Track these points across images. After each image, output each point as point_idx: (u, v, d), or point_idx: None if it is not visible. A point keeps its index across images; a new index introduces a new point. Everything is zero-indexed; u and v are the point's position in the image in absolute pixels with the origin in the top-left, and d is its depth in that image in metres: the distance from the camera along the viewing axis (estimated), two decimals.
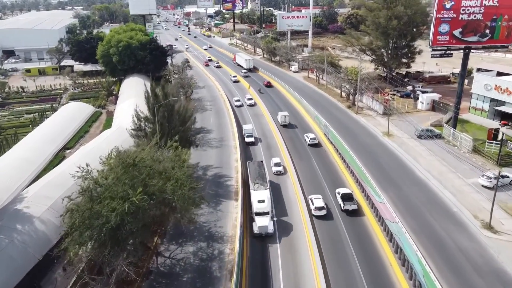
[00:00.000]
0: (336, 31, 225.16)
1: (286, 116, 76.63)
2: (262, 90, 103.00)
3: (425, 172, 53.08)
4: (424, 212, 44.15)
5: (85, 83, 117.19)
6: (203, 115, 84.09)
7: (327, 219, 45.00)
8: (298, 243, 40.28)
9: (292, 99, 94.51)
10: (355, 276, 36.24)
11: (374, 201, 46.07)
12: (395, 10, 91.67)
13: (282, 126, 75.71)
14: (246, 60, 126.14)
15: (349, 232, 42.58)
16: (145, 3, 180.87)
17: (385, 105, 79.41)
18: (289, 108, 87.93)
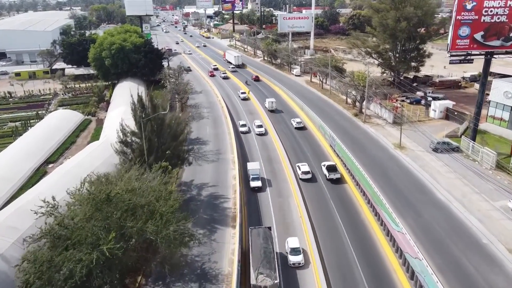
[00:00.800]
0: (338, 32, 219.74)
1: (273, 102, 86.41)
2: (249, 82, 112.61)
3: (446, 193, 47.35)
4: (449, 245, 38.43)
5: (77, 88, 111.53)
6: (199, 123, 78.38)
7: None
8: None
9: (294, 106, 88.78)
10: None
11: (391, 229, 40.41)
12: (404, 11, 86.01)
13: (269, 111, 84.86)
14: (235, 57, 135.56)
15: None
16: (141, 4, 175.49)
17: (395, 113, 73.73)
18: (292, 116, 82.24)
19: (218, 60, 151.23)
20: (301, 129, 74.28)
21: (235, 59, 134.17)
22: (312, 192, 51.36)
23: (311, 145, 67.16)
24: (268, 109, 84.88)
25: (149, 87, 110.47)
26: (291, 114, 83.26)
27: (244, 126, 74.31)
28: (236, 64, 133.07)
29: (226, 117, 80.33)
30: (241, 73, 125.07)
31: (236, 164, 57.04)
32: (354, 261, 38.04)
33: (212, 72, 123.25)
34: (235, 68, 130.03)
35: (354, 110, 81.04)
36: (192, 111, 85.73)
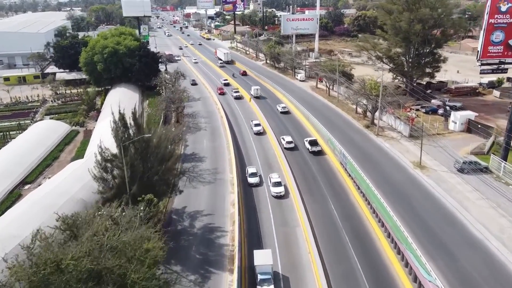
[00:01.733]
0: (342, 33, 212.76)
1: (258, 89, 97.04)
2: (236, 75, 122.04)
3: (480, 227, 40.44)
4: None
5: (67, 94, 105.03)
6: (196, 136, 71.66)
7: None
8: None
9: (299, 115, 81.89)
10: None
11: (420, 277, 33.57)
12: (419, 13, 79.10)
13: (254, 97, 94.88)
14: (224, 54, 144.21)
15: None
16: (139, 5, 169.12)
17: (411, 126, 66.86)
18: (297, 127, 75.47)
19: (242, 83, 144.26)
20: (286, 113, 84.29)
21: (224, 56, 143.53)
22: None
23: None
24: (254, 96, 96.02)
25: (144, 93, 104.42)
26: (295, 125, 76.44)
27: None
28: (225, 60, 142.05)
29: (225, 128, 73.57)
30: (229, 68, 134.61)
31: (235, 186, 50.29)
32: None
33: (221, 89, 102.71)
34: (223, 64, 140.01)
35: (365, 121, 74.15)
36: (188, 122, 79.03)
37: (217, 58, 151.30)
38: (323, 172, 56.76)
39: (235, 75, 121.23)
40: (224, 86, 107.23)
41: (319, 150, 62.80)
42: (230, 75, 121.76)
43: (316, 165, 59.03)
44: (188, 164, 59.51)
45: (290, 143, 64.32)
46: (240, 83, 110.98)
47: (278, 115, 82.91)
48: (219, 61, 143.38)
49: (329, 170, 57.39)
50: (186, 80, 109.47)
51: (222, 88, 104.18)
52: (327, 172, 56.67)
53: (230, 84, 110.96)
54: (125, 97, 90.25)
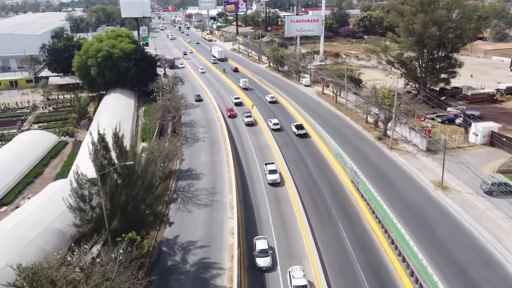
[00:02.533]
0: (348, 35, 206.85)
1: (246, 81, 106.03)
2: (226, 70, 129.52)
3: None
4: None
5: (60, 100, 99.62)
6: (194, 148, 66.06)
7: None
8: None
9: (304, 123, 76.07)
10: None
11: None
12: (435, 15, 73.23)
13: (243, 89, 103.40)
14: (218, 52, 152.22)
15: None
16: (138, 5, 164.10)
17: (428, 137, 61.07)
18: (304, 141, 69.78)
19: (232, 77, 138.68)
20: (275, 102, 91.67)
21: (218, 53, 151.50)
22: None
23: None
24: (242, 87, 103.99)
25: (140, 99, 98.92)
26: (302, 140, 70.77)
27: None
28: (219, 58, 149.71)
29: (225, 139, 67.94)
30: (222, 65, 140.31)
31: (235, 210, 44.64)
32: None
33: (231, 111, 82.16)
34: (216, 61, 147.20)
35: (377, 132, 68.33)
36: (186, 132, 73.45)
37: (211, 56, 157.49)
38: (334, 195, 51.02)
39: (225, 71, 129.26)
40: (236, 105, 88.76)
41: (304, 133, 70.36)
42: (221, 70, 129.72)
43: (326, 185, 53.38)
44: (183, 182, 53.96)
45: (277, 125, 73.27)
46: (230, 78, 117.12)
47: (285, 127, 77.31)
48: (212, 58, 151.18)
49: (338, 188, 51.69)
50: (186, 86, 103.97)
51: (232, 109, 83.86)
52: (337, 193, 50.96)
53: (243, 103, 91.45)
54: (120, 104, 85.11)
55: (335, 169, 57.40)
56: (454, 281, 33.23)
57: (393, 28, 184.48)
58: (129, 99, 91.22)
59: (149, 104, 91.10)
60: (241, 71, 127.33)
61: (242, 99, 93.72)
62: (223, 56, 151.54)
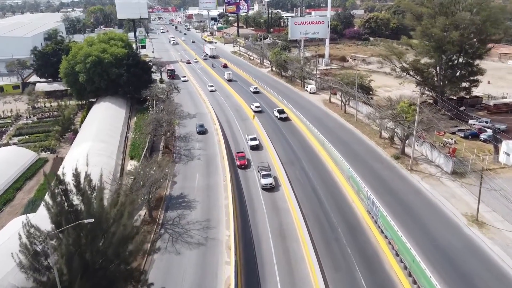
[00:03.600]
0: (353, 36, 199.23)
1: (230, 74, 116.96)
2: (214, 65, 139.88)
3: None
4: None
5: (47, 108, 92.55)
6: (187, 168, 58.75)
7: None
8: None
9: (310, 137, 68.71)
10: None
11: None
12: (457, 17, 65.90)
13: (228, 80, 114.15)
14: (210, 49, 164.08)
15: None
16: (134, 6, 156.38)
17: (452, 156, 53.69)
18: (312, 159, 62.43)
19: (220, 72, 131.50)
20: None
21: (210, 51, 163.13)
22: None
23: None
24: (227, 79, 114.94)
25: (133, 108, 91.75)
26: (308, 153, 63.35)
27: None
28: (210, 55, 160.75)
29: (223, 157, 60.60)
30: (212, 61, 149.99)
31: (232, 253, 37.32)
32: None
33: (243, 160, 58.59)
34: (207, 57, 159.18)
35: (393, 150, 60.92)
36: (180, 148, 66.19)
37: (204, 53, 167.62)
38: (348, 230, 43.63)
39: (214, 65, 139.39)
40: (252, 149, 64.84)
41: (285, 116, 79.27)
42: (210, 65, 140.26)
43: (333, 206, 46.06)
44: (173, 212, 46.68)
45: (258, 107, 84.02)
46: (218, 73, 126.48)
47: (287, 138, 69.95)
48: (203, 54, 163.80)
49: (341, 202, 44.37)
50: (182, 95, 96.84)
51: (243, 155, 59.80)
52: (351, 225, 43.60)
53: (261, 145, 66.54)
54: (109, 114, 77.95)
55: (348, 195, 50.03)
56: None
57: (400, 30, 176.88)
58: (120, 108, 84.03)
59: (141, 113, 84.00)
60: (244, 78, 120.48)
61: (260, 140, 68.10)
62: (214, 53, 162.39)
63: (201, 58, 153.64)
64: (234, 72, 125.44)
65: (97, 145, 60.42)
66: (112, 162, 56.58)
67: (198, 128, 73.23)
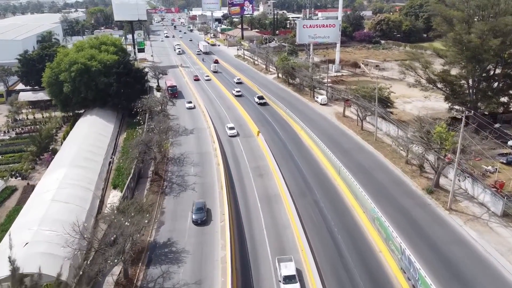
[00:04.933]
0: (363, 39, 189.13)
1: (216, 66, 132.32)
2: (205, 59, 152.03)
3: None
4: None
5: (29, 121, 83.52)
6: (179, 202, 49.32)
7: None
8: None
9: (322, 159, 59.01)
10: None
11: None
12: (498, 23, 56.01)
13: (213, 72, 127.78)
14: (204, 46, 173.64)
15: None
16: (132, 7, 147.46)
17: (499, 193, 43.92)
18: (323, 185, 52.77)
19: (208, 65, 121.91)
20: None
21: (203, 47, 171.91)
22: None
23: None
24: (212, 71, 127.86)
25: (125, 121, 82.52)
26: (321, 183, 53.70)
27: None
28: (204, 51, 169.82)
29: (222, 186, 51.17)
30: (204, 56, 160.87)
31: None
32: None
33: None
34: (200, 52, 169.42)
35: (424, 180, 51.16)
36: (172, 174, 56.77)
37: (198, 49, 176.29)
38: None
39: (204, 60, 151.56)
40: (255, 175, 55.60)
41: (264, 102, 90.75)
42: (201, 59, 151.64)
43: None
44: (156, 268, 37.21)
45: (239, 92, 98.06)
46: (207, 66, 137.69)
47: (297, 163, 60.39)
48: (197, 50, 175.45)
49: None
50: (178, 108, 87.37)
51: None
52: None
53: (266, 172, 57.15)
54: (94, 131, 68.69)
55: (374, 243, 40.36)
56: None
57: (413, 33, 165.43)
58: (108, 123, 74.78)
59: (132, 128, 74.81)
60: (247, 85, 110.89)
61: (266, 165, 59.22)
62: (207, 50, 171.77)
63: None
64: (234, 76, 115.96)
65: (73, 172, 51.20)
66: (88, 195, 47.27)
67: None
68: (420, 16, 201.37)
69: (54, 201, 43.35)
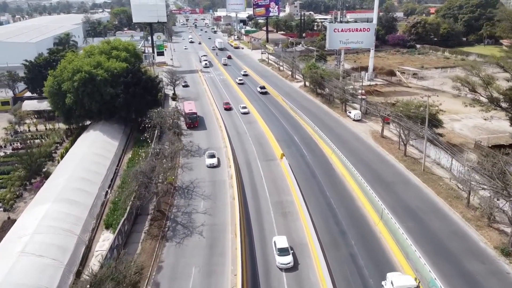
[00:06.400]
0: (396, 43, 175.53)
1: (221, 42, 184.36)
2: (218, 53, 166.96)
3: None
4: None
5: (31, 133, 76.11)
6: (181, 252, 39.73)
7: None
8: None
9: (358, 193, 48.33)
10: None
11: None
12: None
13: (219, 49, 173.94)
14: (219, 42, 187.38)
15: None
16: (151, 9, 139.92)
17: None
18: (362, 232, 42.15)
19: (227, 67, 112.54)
20: None
21: (218, 44, 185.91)
22: None
23: None
24: (218, 48, 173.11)
25: (132, 136, 74.00)
26: (357, 226, 43.13)
27: None
28: (218, 47, 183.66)
29: (236, 234, 41.31)
30: (218, 52, 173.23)
31: None
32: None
33: None
34: (215, 48, 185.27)
35: (496, 234, 39.78)
36: (178, 209, 47.33)
37: (214, 46, 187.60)
38: None
39: (217, 54, 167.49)
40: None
41: (265, 91, 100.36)
42: (215, 54, 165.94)
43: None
44: None
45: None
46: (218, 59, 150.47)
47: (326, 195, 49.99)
48: (212, 46, 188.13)
49: None
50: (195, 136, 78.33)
51: None
52: None
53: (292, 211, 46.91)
54: (94, 152, 60.22)
55: None
56: None
57: (452, 37, 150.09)
58: (112, 140, 66.24)
59: (139, 146, 66.11)
60: (270, 94, 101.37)
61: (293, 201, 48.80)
62: (222, 46, 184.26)
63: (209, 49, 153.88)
64: (257, 83, 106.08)
65: (58, 209, 42.52)
66: (71, 243, 38.29)
67: None
68: (460, 18, 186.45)
69: (24, 255, 34.52)
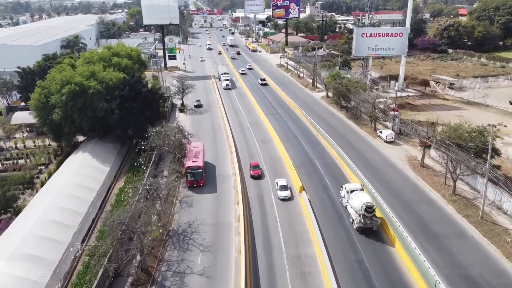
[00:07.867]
0: (426, 48, 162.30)
1: (233, 40, 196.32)
2: (228, 49, 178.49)
3: None
4: None
5: (17, 150, 67.60)
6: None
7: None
8: None
9: (398, 249, 37.42)
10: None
11: None
12: None
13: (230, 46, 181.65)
14: (230, 40, 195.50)
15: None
16: (163, 10, 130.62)
17: None
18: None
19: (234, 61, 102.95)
20: None
21: (230, 41, 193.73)
22: None
23: None
24: (229, 45, 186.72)
25: (129, 158, 64.55)
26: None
27: None
28: (230, 44, 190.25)
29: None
30: (228, 48, 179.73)
31: None
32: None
33: None
34: (226, 44, 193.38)
35: None
36: (170, 266, 37.33)
37: (226, 43, 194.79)
38: None
39: (228, 49, 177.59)
40: None
41: (265, 83, 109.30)
42: (225, 49, 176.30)
43: None
44: None
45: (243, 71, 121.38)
46: None
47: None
48: (223, 43, 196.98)
49: None
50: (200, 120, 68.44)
51: None
52: None
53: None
54: (79, 181, 50.69)
55: None
56: None
57: (487, 40, 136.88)
58: (103, 164, 56.90)
59: (134, 171, 56.61)
60: (287, 105, 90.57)
61: None
62: (233, 43, 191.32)
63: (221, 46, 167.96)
64: (274, 92, 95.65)
65: (10, 271, 33.06)
66: None
67: None
68: (496, 21, 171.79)
69: None
